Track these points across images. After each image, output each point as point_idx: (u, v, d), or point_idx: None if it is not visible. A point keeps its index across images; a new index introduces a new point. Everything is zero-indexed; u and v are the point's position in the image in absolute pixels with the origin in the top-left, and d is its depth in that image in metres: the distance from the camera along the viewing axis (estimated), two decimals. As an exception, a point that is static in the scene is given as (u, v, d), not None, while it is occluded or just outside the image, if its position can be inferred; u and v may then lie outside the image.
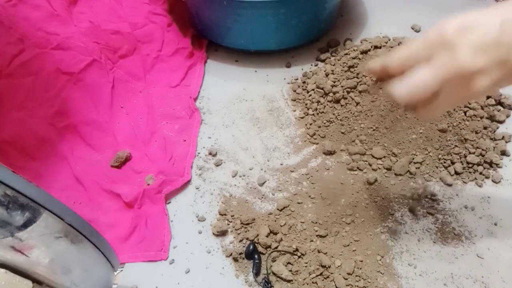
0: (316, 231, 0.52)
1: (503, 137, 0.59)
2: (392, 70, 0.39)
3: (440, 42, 0.34)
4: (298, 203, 0.55)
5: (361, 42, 0.72)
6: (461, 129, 0.58)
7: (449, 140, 0.58)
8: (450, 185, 0.56)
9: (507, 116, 0.62)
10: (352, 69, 0.63)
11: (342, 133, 0.62)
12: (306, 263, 0.49)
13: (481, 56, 0.33)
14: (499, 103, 0.63)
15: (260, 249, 0.51)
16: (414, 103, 0.38)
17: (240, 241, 0.52)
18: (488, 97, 0.63)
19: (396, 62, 0.38)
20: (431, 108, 0.38)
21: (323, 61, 0.73)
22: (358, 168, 0.59)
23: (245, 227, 0.53)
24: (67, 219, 0.37)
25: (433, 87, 0.35)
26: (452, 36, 0.33)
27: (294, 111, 0.68)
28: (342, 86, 0.62)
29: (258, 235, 0.51)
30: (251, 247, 0.50)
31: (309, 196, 0.56)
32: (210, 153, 0.62)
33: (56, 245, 0.37)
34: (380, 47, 0.63)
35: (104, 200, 0.58)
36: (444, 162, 0.58)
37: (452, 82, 0.34)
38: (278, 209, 0.55)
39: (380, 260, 0.50)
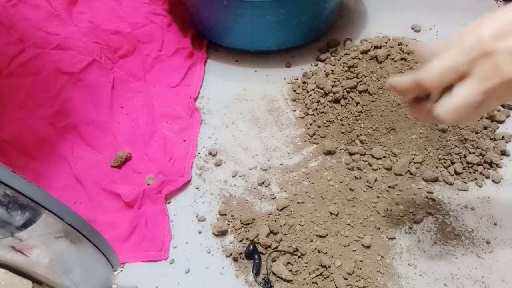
0: (316, 231, 0.52)
1: (503, 137, 0.59)
2: (429, 85, 0.36)
3: (479, 51, 0.33)
4: (298, 203, 0.55)
5: (361, 42, 0.72)
6: (461, 129, 0.58)
7: (449, 140, 0.58)
8: (451, 184, 0.56)
9: (507, 116, 0.62)
10: (352, 69, 0.63)
11: (342, 133, 0.62)
12: (306, 263, 0.49)
13: None
14: (499, 103, 0.63)
15: (260, 249, 0.51)
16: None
17: (240, 241, 0.52)
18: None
19: (434, 77, 0.35)
20: (471, 116, 0.36)
21: (323, 61, 0.73)
22: (358, 168, 0.59)
23: (245, 227, 0.53)
24: (67, 219, 0.37)
25: (480, 101, 0.33)
26: (491, 43, 0.32)
27: (294, 111, 0.68)
28: (342, 86, 0.63)
29: (258, 235, 0.51)
30: (251, 247, 0.50)
31: (309, 196, 0.56)
32: (210, 153, 0.62)
33: (56, 245, 0.37)
34: (380, 47, 0.63)
35: (104, 200, 0.58)
36: (444, 162, 0.58)
37: (497, 92, 0.33)
38: (278, 209, 0.55)
39: (380, 260, 0.50)
